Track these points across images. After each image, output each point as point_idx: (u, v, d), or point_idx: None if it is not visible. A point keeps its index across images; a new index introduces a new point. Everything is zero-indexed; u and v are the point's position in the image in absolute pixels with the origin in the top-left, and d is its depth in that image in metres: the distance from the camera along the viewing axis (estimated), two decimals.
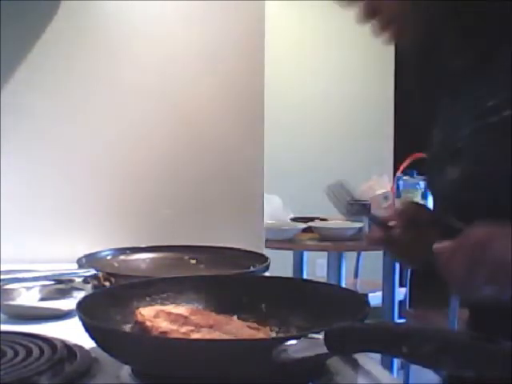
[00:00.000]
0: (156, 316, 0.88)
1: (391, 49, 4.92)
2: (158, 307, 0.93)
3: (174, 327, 0.84)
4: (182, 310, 0.91)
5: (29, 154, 1.64)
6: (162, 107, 1.69)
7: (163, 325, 0.85)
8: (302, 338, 0.70)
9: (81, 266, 1.31)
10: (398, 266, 3.51)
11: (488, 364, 0.60)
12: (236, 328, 0.86)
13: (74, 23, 1.64)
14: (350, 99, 4.97)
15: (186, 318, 0.88)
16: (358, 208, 1.26)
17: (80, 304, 0.85)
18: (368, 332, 0.69)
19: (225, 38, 1.70)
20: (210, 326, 0.86)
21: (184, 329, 0.84)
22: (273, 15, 3.88)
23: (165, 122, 1.69)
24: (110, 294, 0.97)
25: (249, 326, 0.88)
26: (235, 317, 0.93)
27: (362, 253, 4.06)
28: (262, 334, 0.86)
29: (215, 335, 0.83)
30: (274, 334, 0.88)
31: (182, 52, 1.69)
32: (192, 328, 0.85)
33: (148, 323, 0.86)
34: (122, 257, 1.45)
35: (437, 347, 0.62)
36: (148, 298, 0.96)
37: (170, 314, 0.89)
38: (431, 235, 0.96)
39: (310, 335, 0.70)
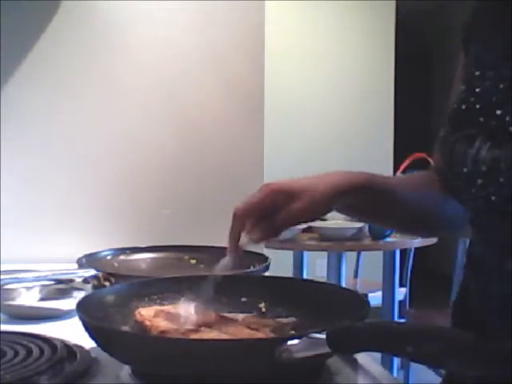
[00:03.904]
0: (155, 316, 0.88)
1: (391, 48, 4.92)
2: (158, 307, 0.93)
3: (174, 327, 0.84)
4: (181, 309, 0.91)
5: (29, 154, 1.64)
6: (162, 107, 1.69)
7: (162, 324, 0.85)
8: (303, 338, 0.70)
9: (81, 266, 1.31)
10: (397, 265, 3.51)
11: (490, 364, 0.60)
12: (236, 328, 0.86)
13: (74, 23, 1.65)
14: (350, 99, 4.97)
15: (185, 317, 0.88)
16: None
17: (80, 304, 0.85)
18: (371, 331, 0.68)
19: (225, 37, 1.70)
20: (210, 326, 0.86)
21: (184, 329, 0.84)
22: (273, 15, 3.90)
23: (165, 122, 1.69)
24: (109, 294, 0.96)
25: (248, 326, 0.88)
26: (235, 316, 0.93)
27: (362, 253, 4.06)
28: (262, 333, 0.86)
29: (215, 335, 0.83)
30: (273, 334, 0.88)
31: (182, 52, 1.69)
32: (192, 328, 0.85)
33: (147, 322, 0.86)
34: (122, 257, 1.45)
35: (440, 347, 0.62)
36: (147, 298, 0.96)
37: (169, 313, 0.89)
38: None
39: (311, 335, 0.70)
